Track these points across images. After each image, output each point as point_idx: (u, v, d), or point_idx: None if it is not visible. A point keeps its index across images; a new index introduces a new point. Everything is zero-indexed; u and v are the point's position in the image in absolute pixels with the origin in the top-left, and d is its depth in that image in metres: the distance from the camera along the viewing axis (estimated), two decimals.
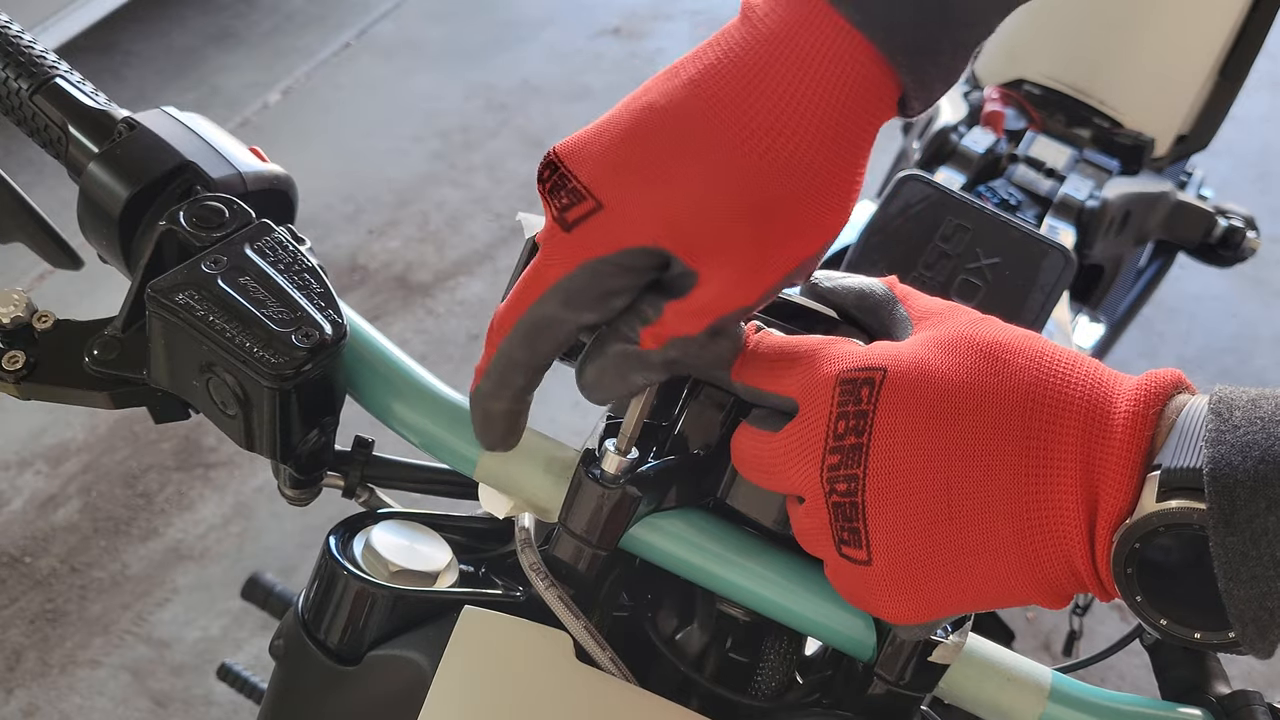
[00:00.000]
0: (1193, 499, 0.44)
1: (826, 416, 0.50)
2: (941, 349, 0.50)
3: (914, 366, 0.49)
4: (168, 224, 0.57)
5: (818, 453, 0.50)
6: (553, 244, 0.51)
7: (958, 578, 0.49)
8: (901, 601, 0.50)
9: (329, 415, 0.59)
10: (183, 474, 2.00)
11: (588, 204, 0.50)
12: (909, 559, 0.49)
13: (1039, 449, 0.47)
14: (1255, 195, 2.66)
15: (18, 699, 1.71)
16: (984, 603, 0.50)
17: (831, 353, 0.52)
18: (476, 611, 0.57)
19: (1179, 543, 0.45)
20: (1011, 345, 0.50)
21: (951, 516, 0.48)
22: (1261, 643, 0.44)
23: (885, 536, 0.49)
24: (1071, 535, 0.47)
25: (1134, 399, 0.47)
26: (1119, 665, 1.80)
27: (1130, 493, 0.46)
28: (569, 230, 0.50)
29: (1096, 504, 0.46)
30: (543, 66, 2.93)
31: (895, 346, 0.51)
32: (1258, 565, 0.42)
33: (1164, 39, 1.31)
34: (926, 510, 0.48)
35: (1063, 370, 0.49)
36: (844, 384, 0.50)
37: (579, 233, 0.50)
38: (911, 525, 0.48)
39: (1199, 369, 2.30)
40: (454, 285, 2.36)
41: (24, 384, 0.59)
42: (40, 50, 0.64)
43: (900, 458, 0.48)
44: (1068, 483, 0.47)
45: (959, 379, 0.49)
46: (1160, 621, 0.46)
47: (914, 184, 0.77)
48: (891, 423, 0.49)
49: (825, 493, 0.50)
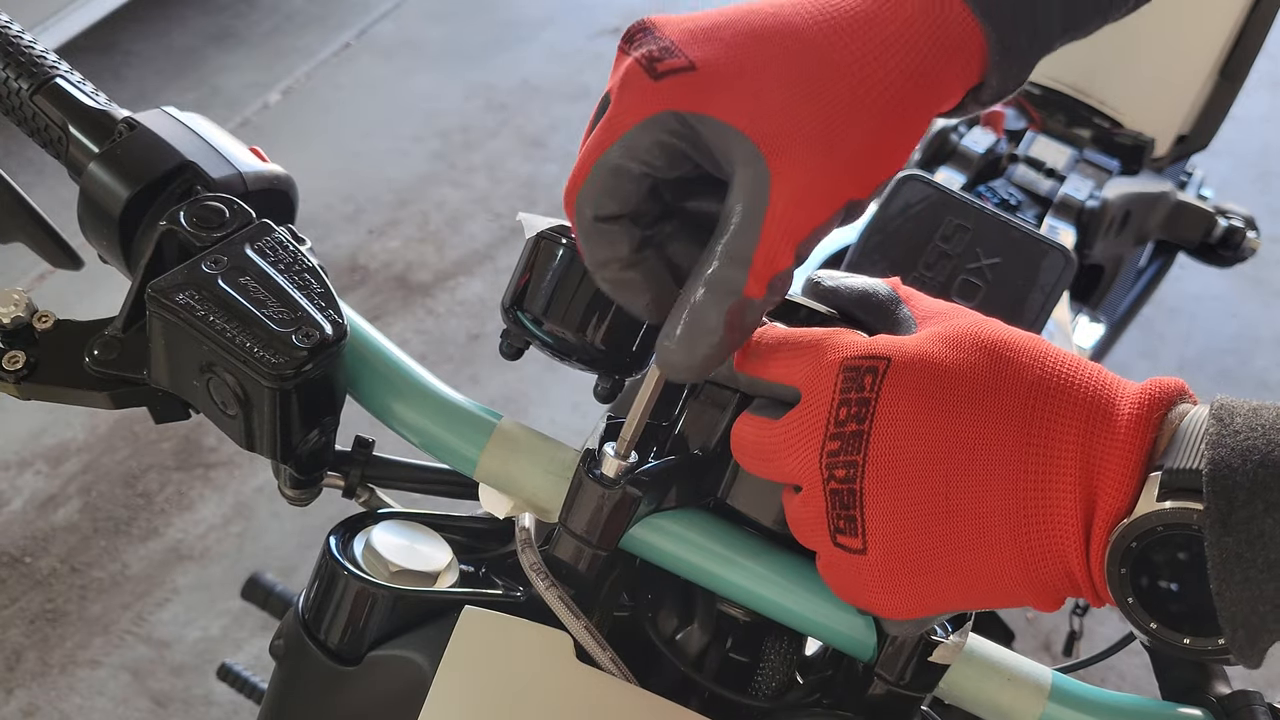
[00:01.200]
0: (1192, 500, 0.44)
1: (829, 403, 0.50)
2: (946, 343, 0.50)
3: (918, 357, 0.50)
4: (168, 224, 0.57)
5: (818, 439, 0.50)
6: (633, 91, 0.50)
7: (951, 572, 0.49)
8: (894, 595, 0.50)
9: (329, 415, 0.59)
10: (183, 474, 2.00)
11: (681, 60, 0.50)
12: (904, 550, 0.49)
13: (1039, 445, 0.47)
14: (1255, 195, 2.67)
15: (18, 699, 1.71)
16: (976, 600, 0.50)
17: (836, 341, 0.52)
18: (477, 612, 0.57)
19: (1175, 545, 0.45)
20: (1015, 344, 0.50)
21: (949, 508, 0.48)
22: (1250, 649, 0.44)
23: (882, 525, 0.49)
24: (1067, 533, 0.47)
25: (1137, 403, 0.47)
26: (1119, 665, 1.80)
27: (1129, 493, 0.46)
28: (657, 79, 0.50)
29: (1095, 503, 0.46)
30: (543, 66, 2.93)
31: (900, 338, 0.51)
32: (1251, 568, 0.42)
33: (1164, 39, 1.31)
34: (924, 500, 0.48)
35: (1066, 371, 0.49)
36: (847, 370, 0.50)
37: (668, 84, 0.49)
38: (908, 515, 0.48)
39: (1199, 369, 2.30)
40: (454, 285, 2.36)
41: (24, 384, 0.59)
42: (40, 50, 0.64)
43: (901, 446, 0.48)
44: (1066, 480, 0.47)
45: (963, 372, 0.49)
46: (1150, 625, 0.46)
47: (914, 184, 0.77)
48: (894, 411, 0.49)
49: (824, 479, 0.50)
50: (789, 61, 0.50)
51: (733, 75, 0.49)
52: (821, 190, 0.49)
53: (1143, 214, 1.30)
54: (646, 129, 0.50)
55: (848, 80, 0.50)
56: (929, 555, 0.49)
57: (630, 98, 0.50)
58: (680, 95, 0.49)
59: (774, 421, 0.52)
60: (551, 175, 2.62)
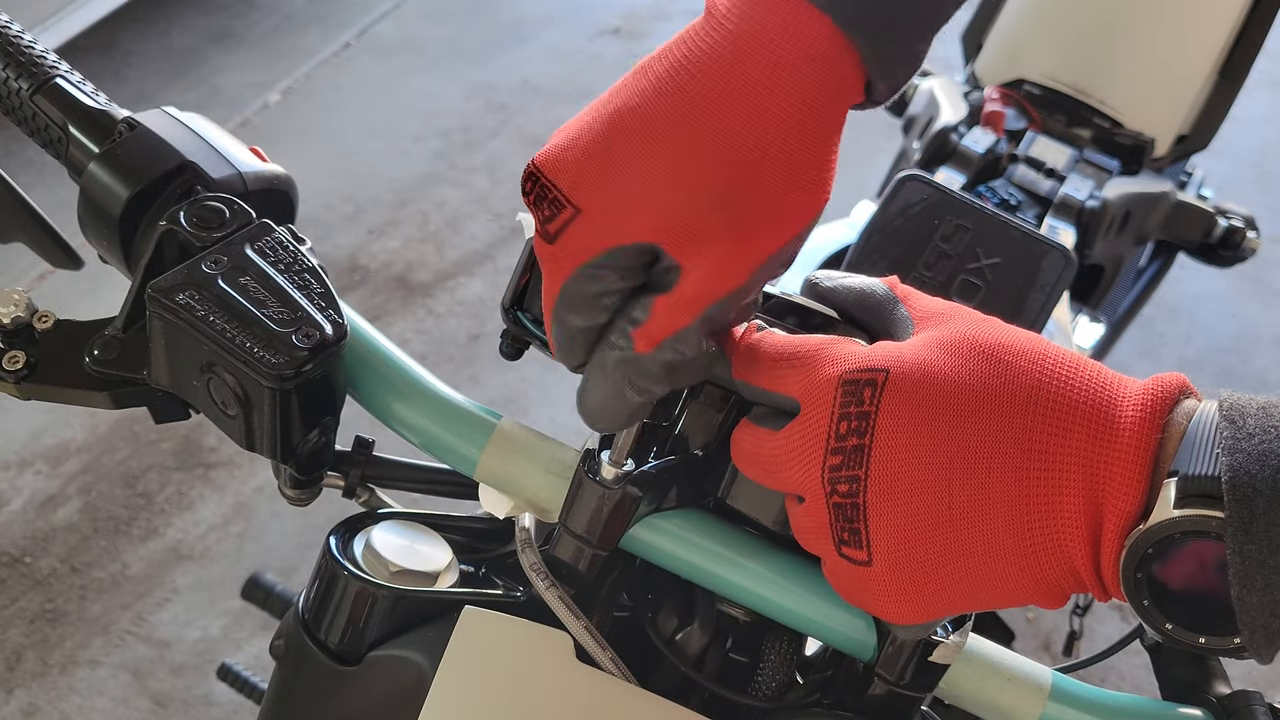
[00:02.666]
0: (1210, 507, 0.44)
1: (828, 417, 0.50)
2: (944, 350, 0.50)
3: (917, 368, 0.49)
4: (168, 224, 0.57)
5: (819, 453, 0.50)
6: (544, 257, 0.52)
7: (958, 579, 0.49)
8: (901, 602, 0.50)
9: (329, 415, 0.59)
10: (183, 474, 2.00)
11: (567, 212, 0.50)
12: (910, 560, 0.49)
13: (1042, 452, 0.47)
14: (1255, 195, 2.66)
15: (18, 699, 1.71)
16: (983, 603, 0.50)
17: (833, 353, 0.52)
18: (477, 612, 0.57)
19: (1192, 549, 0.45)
20: (1014, 347, 0.50)
21: (953, 519, 0.48)
22: (1268, 649, 0.44)
23: (886, 538, 0.49)
24: (1074, 538, 0.47)
25: (1140, 403, 0.47)
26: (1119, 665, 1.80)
27: (1139, 497, 0.46)
28: (553, 242, 0.51)
29: (1102, 507, 0.46)
30: (543, 66, 2.93)
31: (898, 347, 0.51)
32: (1273, 573, 0.42)
33: (1164, 39, 1.31)
34: (928, 512, 0.48)
35: (1066, 373, 0.49)
36: (846, 385, 0.50)
37: (562, 241, 0.50)
38: (913, 527, 0.48)
39: (1199, 369, 2.30)
40: (454, 285, 2.36)
41: (24, 384, 0.59)
42: (40, 50, 0.64)
43: (903, 459, 0.48)
44: (1071, 486, 0.47)
45: (962, 381, 0.49)
46: (1166, 626, 0.46)
47: (914, 184, 0.77)
48: (894, 424, 0.48)
49: (826, 493, 0.50)
50: (670, 156, 0.49)
51: (617, 198, 0.49)
52: (732, 264, 0.49)
53: (1143, 214, 1.30)
54: (575, 282, 0.51)
55: (733, 142, 0.49)
56: (934, 563, 0.49)
57: (545, 264, 0.52)
58: (578, 246, 0.50)
59: (774, 433, 0.52)
60: None
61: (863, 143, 2.70)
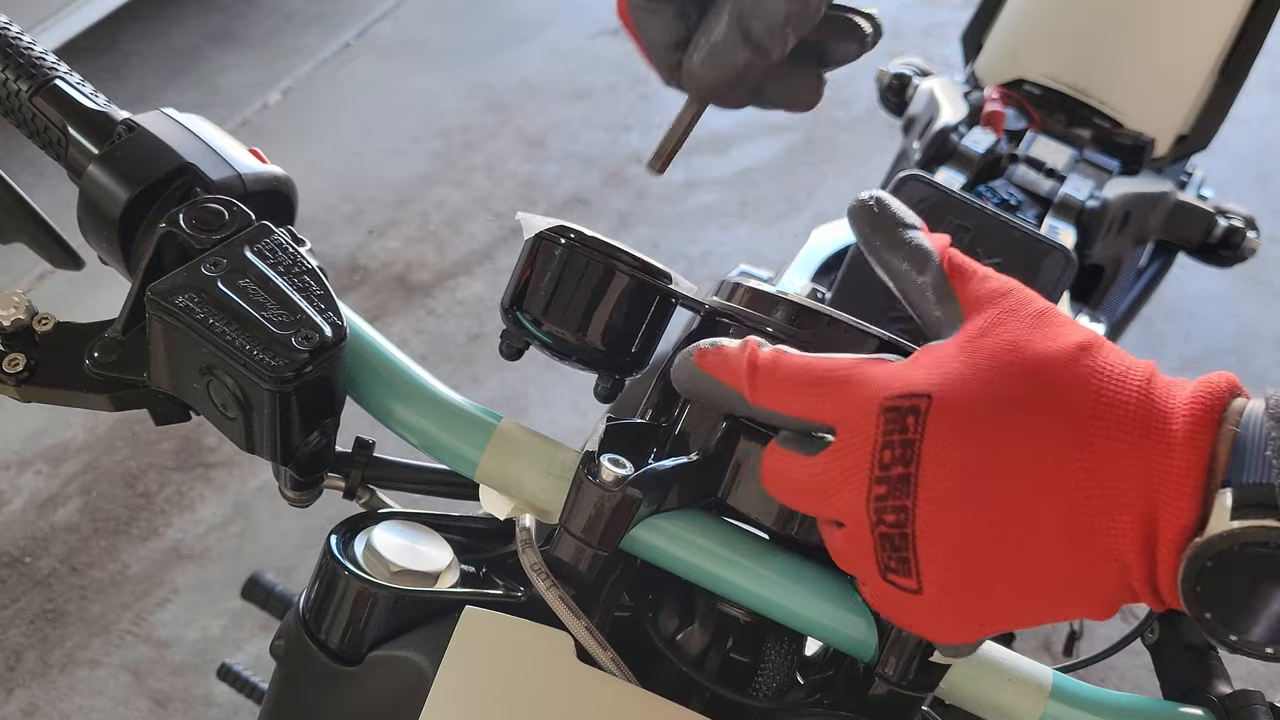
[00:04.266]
0: (1267, 516, 0.43)
1: (872, 445, 0.48)
2: (989, 366, 0.48)
3: (961, 393, 0.48)
4: (168, 226, 0.57)
5: (863, 482, 0.48)
6: None
7: (1010, 601, 0.48)
8: (951, 625, 0.50)
9: (329, 417, 0.59)
10: (183, 474, 2.00)
11: None
12: (961, 586, 0.48)
13: (1092, 469, 0.46)
14: (1255, 195, 2.66)
15: (18, 699, 1.71)
16: (1033, 621, 0.50)
17: (868, 375, 0.50)
18: (477, 612, 0.57)
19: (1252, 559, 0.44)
20: (1060, 358, 0.48)
21: (1005, 543, 0.47)
22: None
23: (937, 566, 0.48)
24: (1129, 555, 0.46)
25: (1191, 411, 0.46)
26: (1119, 665, 1.80)
27: (1195, 509, 0.45)
28: None
29: (1156, 520, 0.45)
30: (543, 66, 2.93)
31: (939, 363, 0.49)
32: None
33: (1164, 39, 1.31)
34: (979, 539, 0.47)
35: (1115, 387, 0.47)
36: (888, 411, 0.48)
37: None
38: (964, 555, 0.48)
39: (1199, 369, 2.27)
40: (454, 285, 2.36)
41: (24, 386, 0.59)
42: (40, 51, 0.64)
43: (951, 487, 0.47)
44: (1125, 503, 0.46)
45: (1007, 401, 0.47)
46: (1230, 637, 0.46)
47: (914, 184, 0.77)
48: (940, 452, 0.47)
49: (872, 523, 0.48)
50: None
51: None
52: None
53: (1143, 214, 1.29)
54: None
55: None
56: (986, 587, 0.48)
57: None
58: None
59: (810, 459, 0.50)
60: (551, 175, 2.62)
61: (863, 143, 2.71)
